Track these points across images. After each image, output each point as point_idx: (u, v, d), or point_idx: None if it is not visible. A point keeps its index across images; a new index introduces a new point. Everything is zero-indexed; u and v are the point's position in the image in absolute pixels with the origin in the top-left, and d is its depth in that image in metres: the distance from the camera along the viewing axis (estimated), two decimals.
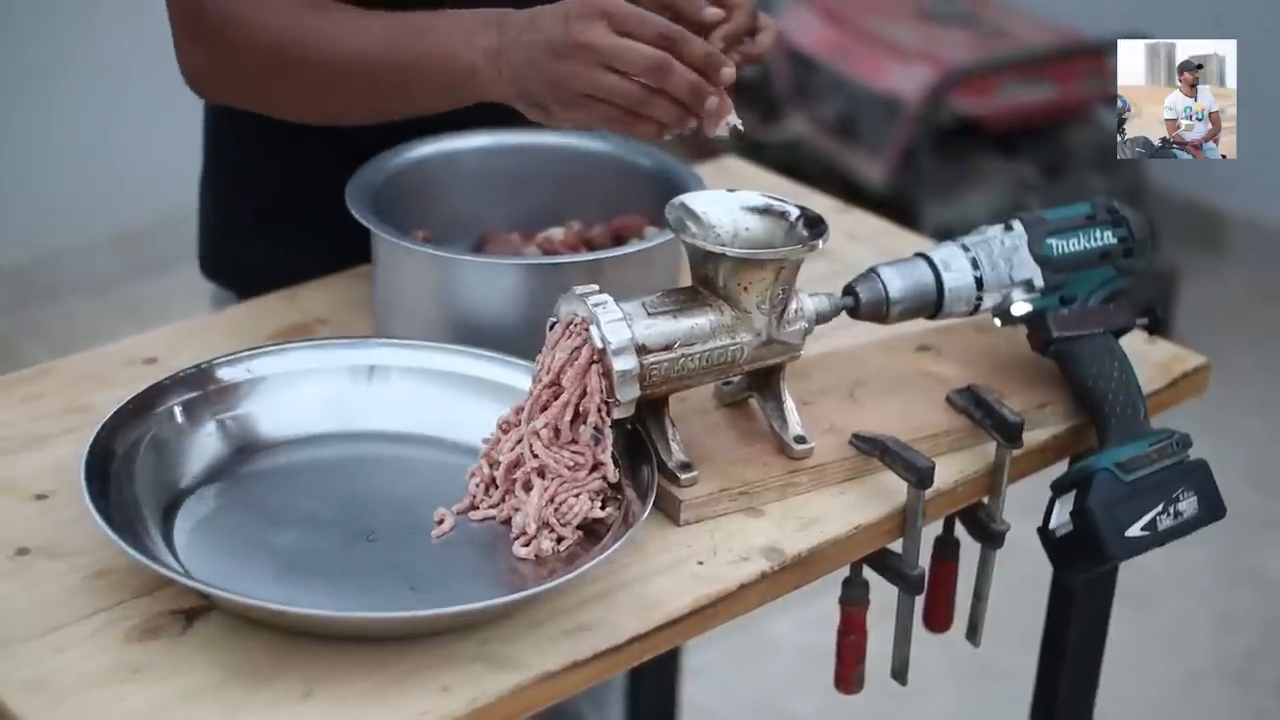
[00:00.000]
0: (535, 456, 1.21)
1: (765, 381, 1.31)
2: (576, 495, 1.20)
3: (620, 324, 1.20)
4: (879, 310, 1.34)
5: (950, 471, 1.32)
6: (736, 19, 1.42)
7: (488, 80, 1.30)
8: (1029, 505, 1.46)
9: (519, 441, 1.22)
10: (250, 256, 1.64)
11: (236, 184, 1.64)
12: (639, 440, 1.25)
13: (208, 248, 1.68)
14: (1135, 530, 1.30)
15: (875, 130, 3.64)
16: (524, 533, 1.19)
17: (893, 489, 1.28)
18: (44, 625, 1.11)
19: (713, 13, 1.36)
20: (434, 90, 1.34)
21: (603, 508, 1.21)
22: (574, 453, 1.21)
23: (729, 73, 1.27)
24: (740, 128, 1.28)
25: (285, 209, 1.61)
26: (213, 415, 1.28)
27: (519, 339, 1.33)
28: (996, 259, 1.37)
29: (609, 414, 1.21)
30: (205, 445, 1.27)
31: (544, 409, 1.22)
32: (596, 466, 1.22)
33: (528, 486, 1.21)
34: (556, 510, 1.20)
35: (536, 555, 1.18)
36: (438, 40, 1.32)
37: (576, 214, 1.58)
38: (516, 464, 1.22)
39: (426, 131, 1.54)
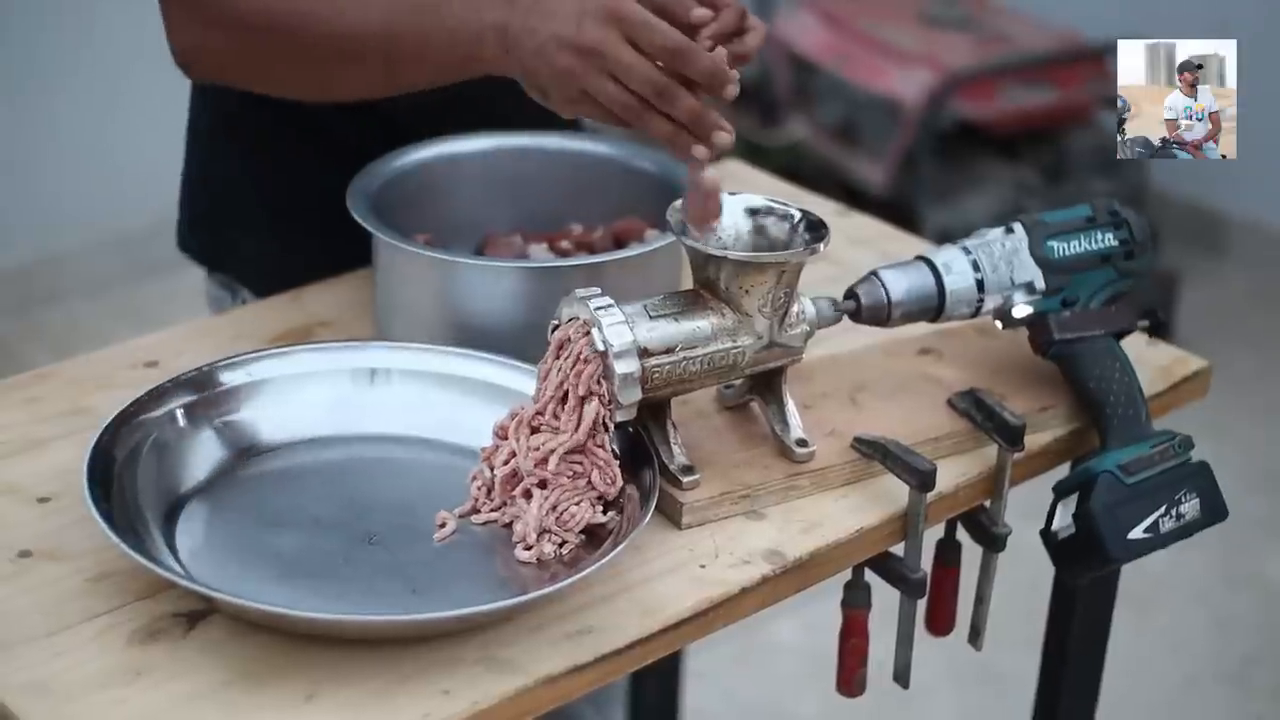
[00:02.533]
0: (533, 472, 1.21)
1: (767, 385, 1.31)
2: (578, 503, 1.20)
3: (622, 327, 1.20)
4: (880, 313, 1.34)
5: (952, 475, 1.32)
6: (724, 19, 1.42)
7: (493, 57, 1.29)
8: (1031, 508, 1.46)
9: (513, 455, 1.22)
10: (244, 246, 1.64)
11: (228, 177, 1.64)
12: (640, 443, 1.25)
13: (194, 233, 1.68)
14: (1137, 532, 1.30)
15: (876, 134, 3.64)
16: (525, 539, 1.19)
17: (894, 492, 1.28)
18: (46, 628, 1.11)
19: (700, 14, 1.36)
20: (437, 66, 1.34)
21: (604, 512, 1.21)
22: (573, 463, 1.21)
23: (733, 90, 1.25)
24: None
25: (281, 203, 1.61)
26: (214, 418, 1.28)
27: (521, 342, 1.33)
28: (997, 261, 1.37)
29: (611, 420, 1.21)
30: (207, 448, 1.27)
31: (534, 431, 1.22)
32: (596, 469, 1.22)
33: (528, 495, 1.21)
34: (559, 518, 1.20)
35: (538, 559, 1.18)
36: (442, 15, 1.31)
37: (578, 217, 1.58)
38: (515, 474, 1.22)
39: (424, 135, 1.54)
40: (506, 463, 1.22)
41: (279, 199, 1.61)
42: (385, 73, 1.37)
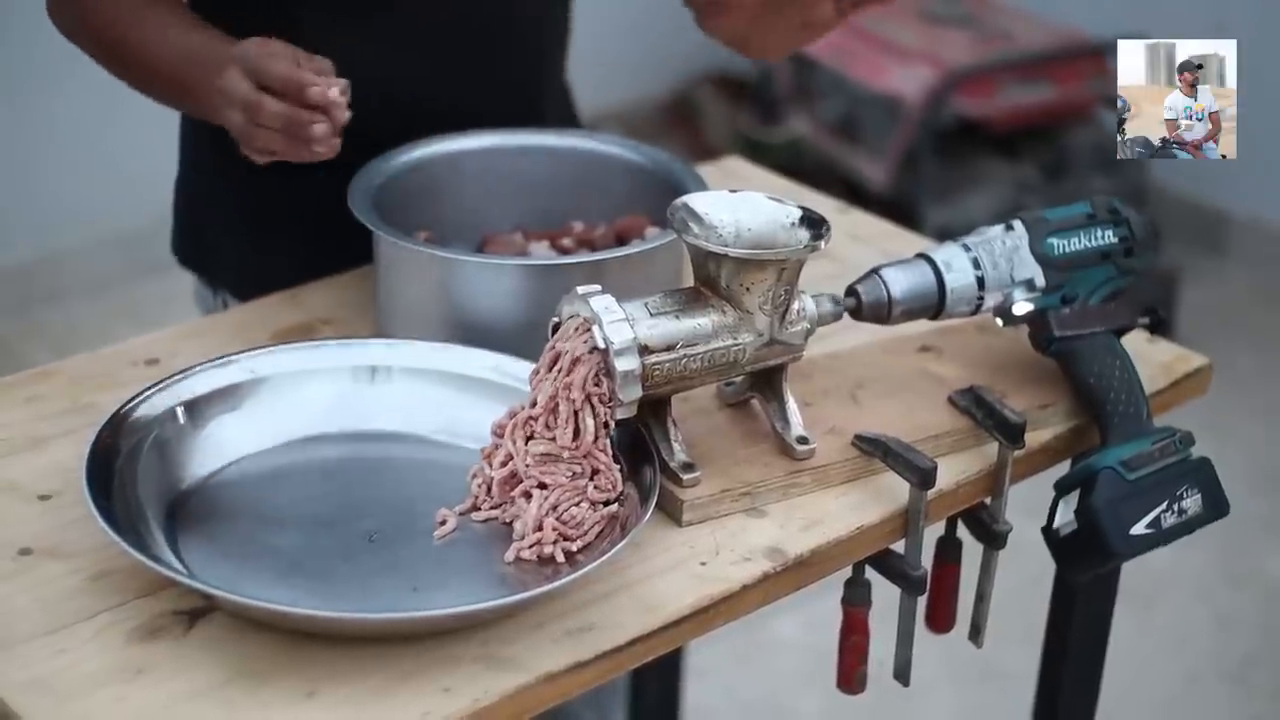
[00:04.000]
0: (531, 475, 1.21)
1: (767, 382, 1.31)
2: (578, 504, 1.20)
3: (623, 324, 1.20)
4: (881, 311, 1.34)
5: (952, 472, 1.32)
6: None
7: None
8: (1031, 506, 1.46)
9: (510, 458, 1.22)
10: (233, 253, 1.65)
11: (217, 184, 1.64)
12: (641, 440, 1.25)
13: (182, 239, 1.69)
14: (1140, 528, 1.30)
15: (876, 131, 3.64)
16: (530, 538, 1.19)
17: (895, 490, 1.28)
18: (47, 626, 1.11)
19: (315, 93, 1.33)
20: (208, 114, 1.40)
21: (605, 505, 1.21)
22: (572, 462, 1.21)
23: (320, 129, 1.29)
24: None
25: (270, 210, 1.61)
26: (215, 416, 1.28)
27: (521, 339, 1.33)
28: (998, 259, 1.37)
29: (612, 418, 1.21)
30: (207, 446, 1.27)
31: (530, 439, 1.22)
32: (596, 473, 1.22)
33: (527, 496, 1.21)
34: (559, 518, 1.19)
35: (538, 557, 1.18)
36: (202, 70, 1.38)
37: (579, 214, 1.58)
38: (513, 475, 1.22)
39: (416, 136, 1.54)
40: (504, 464, 1.22)
41: (256, 205, 1.62)
42: (179, 104, 1.50)
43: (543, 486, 1.20)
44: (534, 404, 1.22)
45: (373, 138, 1.50)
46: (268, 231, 1.62)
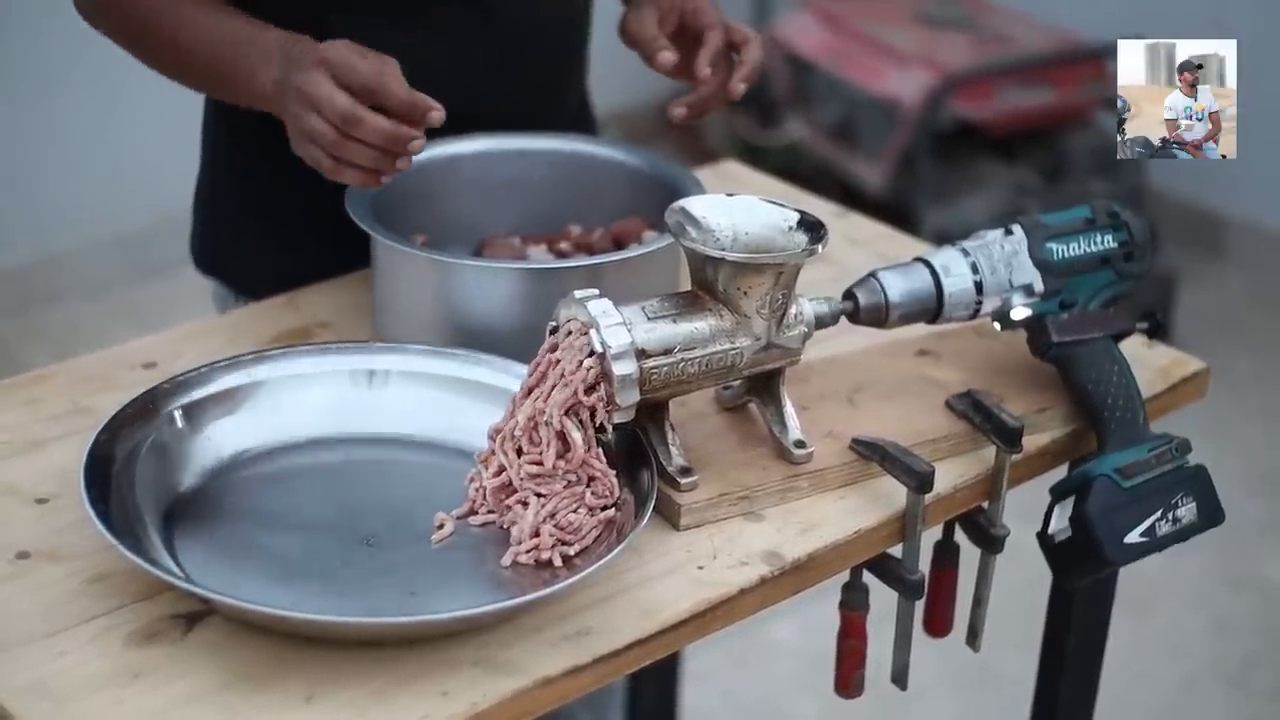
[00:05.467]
0: (526, 487, 1.21)
1: (765, 386, 1.31)
2: (575, 510, 1.20)
3: (620, 328, 1.20)
4: (878, 315, 1.34)
5: (950, 476, 1.32)
6: (711, 40, 1.44)
7: (275, 106, 1.37)
8: (1028, 510, 1.46)
9: (503, 469, 1.22)
10: (245, 253, 1.65)
11: (233, 183, 1.65)
12: (639, 445, 1.25)
13: (201, 242, 1.69)
14: (1134, 536, 1.31)
15: (874, 134, 3.64)
16: (527, 544, 1.19)
17: (892, 494, 1.28)
18: (44, 629, 1.11)
19: (437, 116, 1.34)
20: (248, 98, 1.41)
21: (603, 510, 1.21)
22: (568, 469, 1.21)
23: (436, 116, 1.31)
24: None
25: (282, 210, 1.62)
26: (213, 419, 1.29)
27: (519, 343, 1.33)
28: (996, 264, 1.37)
29: (609, 422, 1.21)
30: (205, 449, 1.27)
31: (520, 453, 1.22)
32: (593, 480, 1.22)
33: (524, 504, 1.21)
34: (556, 524, 1.19)
35: (536, 561, 1.18)
36: (248, 57, 1.39)
37: (576, 218, 1.58)
38: (507, 485, 1.22)
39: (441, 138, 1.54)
40: (498, 474, 1.22)
41: (283, 206, 1.62)
42: (213, 89, 1.50)
43: (539, 495, 1.20)
44: (515, 419, 1.22)
45: None
46: (293, 232, 1.62)
